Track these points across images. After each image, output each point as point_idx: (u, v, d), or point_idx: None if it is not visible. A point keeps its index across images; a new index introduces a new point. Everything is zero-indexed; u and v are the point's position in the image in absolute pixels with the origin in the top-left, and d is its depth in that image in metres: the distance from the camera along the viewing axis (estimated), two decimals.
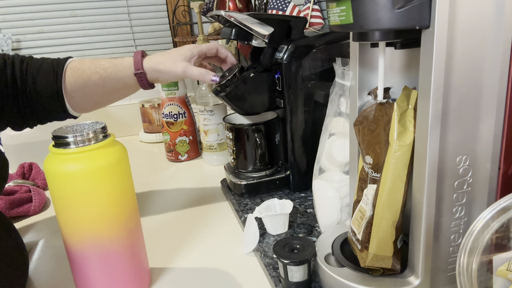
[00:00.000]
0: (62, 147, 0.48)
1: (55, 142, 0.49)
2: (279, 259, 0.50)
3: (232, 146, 0.82)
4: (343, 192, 0.60)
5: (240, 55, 1.54)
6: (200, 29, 1.02)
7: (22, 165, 0.98)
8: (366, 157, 0.47)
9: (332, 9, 0.42)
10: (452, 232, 0.45)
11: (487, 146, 0.42)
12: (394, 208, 0.46)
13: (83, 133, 0.48)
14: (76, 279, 0.54)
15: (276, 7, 1.20)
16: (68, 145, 0.48)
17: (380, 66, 0.45)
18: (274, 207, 0.67)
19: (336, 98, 0.60)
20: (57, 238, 0.73)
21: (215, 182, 0.92)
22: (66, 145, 0.48)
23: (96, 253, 0.51)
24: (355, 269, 0.49)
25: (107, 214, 0.50)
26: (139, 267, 0.56)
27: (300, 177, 0.78)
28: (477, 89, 0.40)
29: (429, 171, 0.41)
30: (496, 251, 0.37)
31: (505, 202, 0.37)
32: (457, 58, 0.38)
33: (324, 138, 0.63)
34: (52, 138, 0.49)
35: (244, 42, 0.73)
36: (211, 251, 0.66)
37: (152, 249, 0.67)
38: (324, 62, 0.72)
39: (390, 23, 0.37)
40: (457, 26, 0.37)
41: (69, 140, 0.48)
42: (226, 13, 0.68)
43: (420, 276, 0.45)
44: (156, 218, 0.79)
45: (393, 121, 0.44)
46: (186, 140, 1.07)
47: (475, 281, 0.37)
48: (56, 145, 0.49)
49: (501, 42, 0.39)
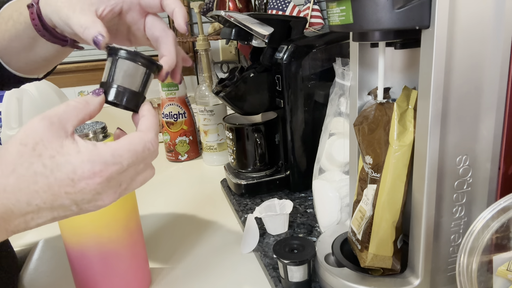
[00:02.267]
0: None
1: None
2: (279, 259, 0.50)
3: (232, 146, 0.82)
4: (343, 192, 0.60)
5: (240, 55, 1.54)
6: (200, 29, 1.02)
7: None
8: (366, 157, 0.47)
9: (332, 9, 0.42)
10: (452, 232, 0.45)
11: (487, 146, 0.42)
12: (394, 208, 0.46)
13: (83, 132, 0.48)
14: (76, 279, 0.54)
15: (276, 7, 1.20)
16: None
17: (380, 66, 0.45)
18: (274, 207, 0.67)
19: (336, 98, 0.60)
20: (57, 238, 0.73)
21: (215, 182, 0.92)
22: None
23: (96, 253, 0.51)
24: (355, 269, 0.49)
25: (107, 214, 0.50)
26: (139, 267, 0.56)
27: (300, 177, 0.78)
28: (477, 89, 0.40)
29: (429, 171, 0.41)
30: (496, 251, 0.37)
31: (505, 202, 0.37)
32: (457, 58, 0.38)
33: (324, 138, 0.63)
34: None
35: (244, 42, 0.73)
36: (211, 251, 0.66)
37: (152, 249, 0.67)
38: (324, 62, 0.72)
39: (390, 23, 0.37)
40: (457, 26, 0.37)
41: None
42: (226, 13, 0.68)
43: (420, 276, 0.45)
44: (156, 218, 0.79)
45: (393, 121, 0.44)
46: (186, 140, 1.07)
47: (475, 281, 0.37)
48: None
49: (501, 42, 0.39)
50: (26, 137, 0.32)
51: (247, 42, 0.73)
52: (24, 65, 0.54)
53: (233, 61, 1.58)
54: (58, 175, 0.32)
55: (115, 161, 0.33)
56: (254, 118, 0.87)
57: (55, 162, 0.31)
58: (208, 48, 1.00)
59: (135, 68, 0.38)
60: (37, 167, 0.31)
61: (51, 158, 0.31)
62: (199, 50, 1.00)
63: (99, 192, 0.33)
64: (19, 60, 0.53)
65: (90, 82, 1.58)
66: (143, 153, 0.35)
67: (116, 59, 0.38)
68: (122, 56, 0.38)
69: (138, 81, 0.39)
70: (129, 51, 0.38)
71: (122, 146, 0.34)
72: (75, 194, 0.32)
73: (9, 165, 0.31)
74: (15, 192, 0.31)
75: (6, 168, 0.31)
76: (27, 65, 0.54)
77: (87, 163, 0.32)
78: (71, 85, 1.55)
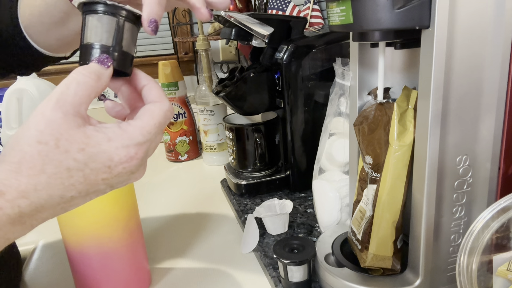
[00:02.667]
0: None
1: None
2: (279, 259, 0.50)
3: (232, 146, 0.82)
4: (343, 192, 0.60)
5: (240, 55, 1.54)
6: (200, 29, 1.02)
7: None
8: (366, 157, 0.47)
9: (332, 9, 0.42)
10: (452, 232, 0.45)
11: (487, 146, 0.42)
12: (394, 208, 0.46)
13: None
14: (76, 279, 0.54)
15: (276, 7, 1.20)
16: None
17: (380, 66, 0.45)
18: (274, 207, 0.67)
19: (336, 98, 0.60)
20: (57, 238, 0.73)
21: (215, 182, 0.92)
22: None
23: (96, 253, 0.51)
24: (355, 269, 0.49)
25: (107, 214, 0.50)
26: (139, 267, 0.56)
27: (300, 177, 0.78)
28: (477, 89, 0.40)
29: (429, 171, 0.41)
30: (496, 251, 0.37)
31: (505, 202, 0.37)
32: (457, 58, 0.38)
33: (324, 138, 0.63)
34: None
35: (244, 42, 0.73)
36: (211, 251, 0.66)
37: (152, 249, 0.67)
38: (324, 62, 0.72)
39: (390, 23, 0.37)
40: (457, 26, 0.37)
41: None
42: (226, 13, 0.68)
43: (420, 276, 0.45)
44: (156, 218, 0.79)
45: (393, 121, 0.44)
46: (186, 140, 1.07)
47: (475, 281, 0.37)
48: None
49: (501, 42, 0.39)
50: (42, 134, 0.29)
51: (247, 42, 0.73)
52: (54, 42, 0.51)
53: (233, 61, 1.58)
54: (93, 165, 0.31)
55: (145, 139, 0.33)
56: (254, 118, 0.87)
57: (87, 154, 0.30)
58: (208, 48, 1.00)
59: (107, 21, 0.33)
60: (68, 163, 0.30)
61: (80, 151, 0.30)
62: (199, 50, 1.00)
63: (133, 171, 0.33)
64: (49, 37, 0.50)
65: None
66: (165, 123, 0.35)
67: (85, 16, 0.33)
68: (89, 11, 0.33)
69: (110, 33, 0.34)
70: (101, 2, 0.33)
71: (147, 122, 0.33)
72: (112, 178, 0.32)
73: (35, 167, 0.29)
74: (48, 189, 0.30)
75: (32, 170, 0.29)
76: (58, 41, 0.51)
77: (121, 149, 0.31)
78: None
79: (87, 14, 0.34)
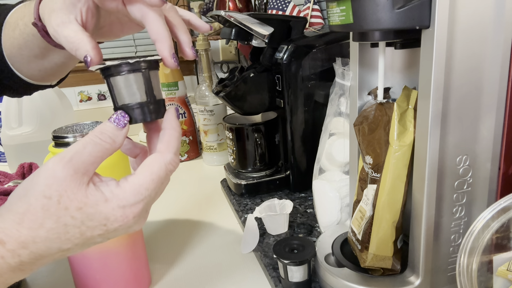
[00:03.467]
0: (62, 147, 0.48)
1: (55, 142, 0.49)
2: (279, 259, 0.50)
3: (232, 146, 0.82)
4: (343, 192, 0.60)
5: (240, 55, 1.54)
6: None
7: (22, 165, 0.98)
8: (366, 157, 0.47)
9: (332, 9, 0.42)
10: (452, 232, 0.45)
11: (487, 146, 0.42)
12: (394, 208, 0.46)
13: (83, 133, 0.48)
14: (76, 279, 0.54)
15: (276, 7, 1.20)
16: (68, 145, 0.48)
17: (380, 66, 0.45)
18: (274, 207, 0.67)
19: (336, 98, 0.60)
20: None
21: (215, 182, 0.92)
22: (66, 145, 0.48)
23: (96, 253, 0.51)
24: (355, 269, 0.49)
25: None
26: (139, 267, 0.56)
27: (300, 177, 0.78)
28: (477, 89, 0.40)
29: (429, 171, 0.41)
30: (496, 251, 0.37)
31: (505, 202, 0.37)
32: (457, 58, 0.38)
33: (324, 138, 0.63)
34: (52, 138, 0.49)
35: (244, 42, 0.73)
36: (211, 251, 0.66)
37: (152, 249, 0.67)
38: (324, 62, 0.72)
39: (390, 23, 0.37)
40: (457, 26, 0.37)
41: (69, 140, 0.48)
42: (226, 13, 0.68)
43: (420, 276, 0.45)
44: (156, 218, 0.79)
45: (393, 121, 0.44)
46: (186, 140, 1.07)
47: (475, 281, 0.37)
48: (56, 145, 0.49)
49: (501, 42, 0.39)
50: (49, 189, 0.30)
51: (247, 42, 0.73)
52: (37, 72, 0.51)
53: (233, 61, 1.58)
54: (90, 224, 0.32)
55: (143, 197, 0.33)
56: (254, 118, 0.87)
57: (84, 213, 0.31)
58: (208, 48, 1.00)
59: (134, 78, 0.34)
60: (65, 220, 0.31)
61: (78, 210, 0.31)
62: (199, 50, 1.00)
63: (131, 226, 0.34)
64: (31, 68, 0.50)
65: (90, 82, 1.58)
66: (166, 176, 0.34)
67: (110, 80, 0.34)
68: (114, 74, 0.34)
69: (142, 89, 0.35)
70: (123, 63, 0.33)
71: (145, 178, 0.33)
72: (108, 234, 0.33)
73: (36, 220, 0.31)
74: (46, 242, 0.31)
75: (33, 223, 0.31)
76: (40, 72, 0.51)
77: (117, 209, 0.32)
78: (71, 85, 1.55)
79: (111, 76, 0.34)
